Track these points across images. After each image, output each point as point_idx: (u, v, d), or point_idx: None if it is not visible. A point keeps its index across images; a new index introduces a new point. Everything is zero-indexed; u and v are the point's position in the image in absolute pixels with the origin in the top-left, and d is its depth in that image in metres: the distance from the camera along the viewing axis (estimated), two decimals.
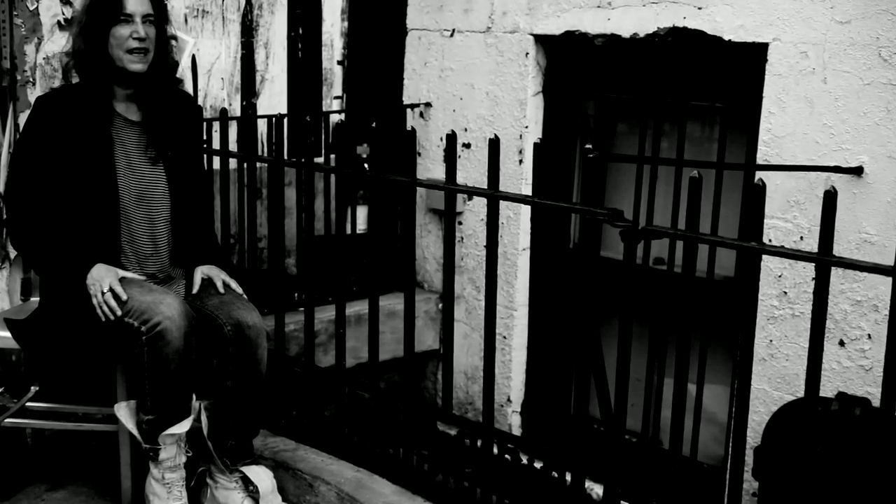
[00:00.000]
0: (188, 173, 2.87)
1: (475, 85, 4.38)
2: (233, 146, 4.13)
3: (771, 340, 3.40)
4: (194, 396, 2.86)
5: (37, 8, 3.62)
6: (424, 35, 4.59)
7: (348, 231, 4.52)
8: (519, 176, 4.23)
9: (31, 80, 3.62)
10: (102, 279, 2.59)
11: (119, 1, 2.66)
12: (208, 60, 4.25)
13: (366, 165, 4.65)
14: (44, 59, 3.65)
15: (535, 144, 2.60)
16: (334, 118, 4.55)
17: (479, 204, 4.42)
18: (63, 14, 3.68)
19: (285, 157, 3.46)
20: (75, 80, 2.79)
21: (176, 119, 2.85)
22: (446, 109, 4.54)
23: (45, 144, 2.65)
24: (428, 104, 4.62)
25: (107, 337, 2.69)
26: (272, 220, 3.41)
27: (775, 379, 3.39)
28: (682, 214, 2.80)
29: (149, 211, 2.76)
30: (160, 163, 2.78)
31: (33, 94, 3.62)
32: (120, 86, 2.72)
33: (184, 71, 4.09)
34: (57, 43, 3.60)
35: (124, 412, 2.81)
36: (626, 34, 3.77)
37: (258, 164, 4.02)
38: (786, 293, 3.35)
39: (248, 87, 4.41)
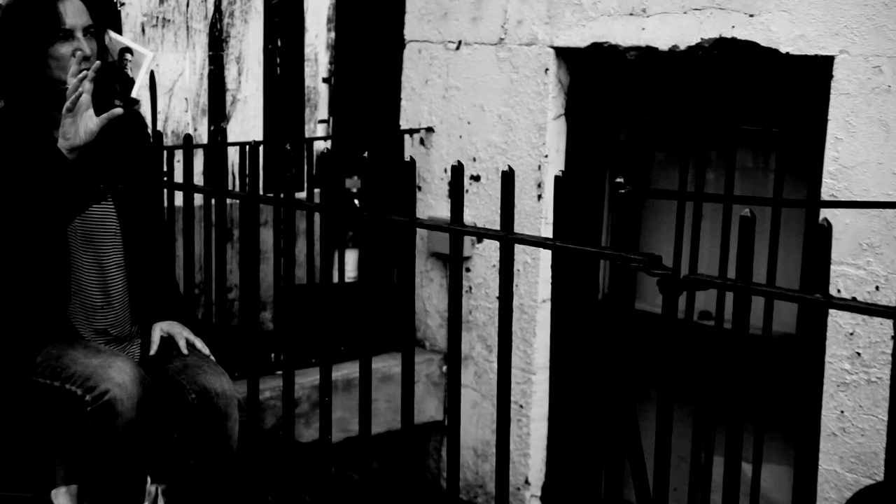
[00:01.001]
0: (143, 210, 2.88)
1: (485, 106, 4.41)
2: (198, 179, 4.16)
3: (842, 411, 3.38)
4: (149, 479, 2.84)
5: None
6: (425, 48, 4.63)
7: (335, 279, 4.54)
8: (537, 214, 4.24)
9: None
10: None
11: (55, 14, 2.67)
12: (170, 77, 4.29)
13: (356, 202, 4.67)
14: None
15: (557, 177, 2.61)
16: (319, 146, 4.58)
17: (491, 247, 4.43)
18: None
19: (261, 192, 3.48)
20: None
21: (126, 146, 2.87)
22: (451, 135, 4.56)
23: None
24: (429, 129, 4.65)
25: (43, 408, 2.68)
26: (245, 267, 3.41)
27: (848, 458, 3.36)
28: (733, 260, 2.80)
29: (97, 255, 2.77)
30: (108, 198, 2.79)
31: None
32: (59, 110, 2.74)
33: (141, 90, 4.13)
34: None
35: (63, 499, 2.79)
36: (663, 46, 3.80)
37: (228, 201, 4.05)
38: (859, 354, 3.34)
39: (217, 108, 4.45)
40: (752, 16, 3.56)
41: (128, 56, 2.95)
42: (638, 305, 3.98)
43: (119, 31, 4.06)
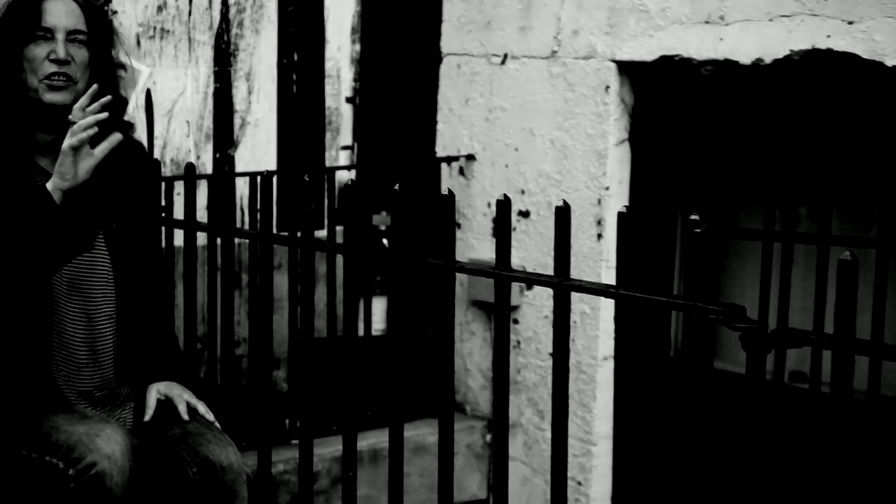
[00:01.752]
0: (139, 253, 2.89)
1: (536, 130, 4.42)
2: (202, 215, 4.17)
3: None
4: None
5: None
6: (466, 62, 4.65)
7: (360, 332, 4.53)
8: (597, 256, 4.23)
9: None
10: None
11: (36, 10, 2.71)
12: (169, 97, 4.33)
13: (385, 241, 4.67)
14: None
15: (620, 213, 2.60)
16: (342, 177, 4.59)
17: (543, 296, 4.41)
18: None
19: (274, 230, 3.49)
20: None
21: (122, 179, 2.88)
22: (496, 164, 4.57)
23: None
24: (470, 157, 4.65)
25: (17, 485, 2.68)
26: (255, 317, 3.41)
27: None
28: (830, 311, 2.76)
29: (85, 304, 2.78)
30: (101, 238, 2.80)
31: None
32: (42, 129, 2.76)
33: (135, 111, 4.17)
34: None
35: None
36: (745, 60, 3.79)
37: (237, 241, 4.06)
38: None
39: (224, 133, 4.48)
40: (850, 23, 3.54)
41: (120, 72, 2.97)
42: (717, 364, 3.94)
43: (111, 42, 4.10)
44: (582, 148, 4.26)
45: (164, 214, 3.60)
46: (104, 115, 2.57)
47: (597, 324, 4.24)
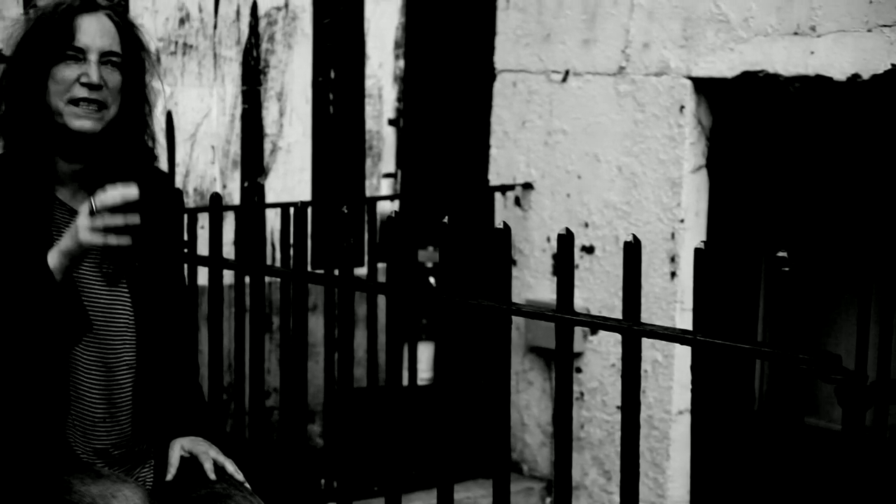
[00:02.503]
0: (162, 295, 2.91)
1: (601, 156, 4.42)
2: (228, 250, 4.20)
3: None
4: None
5: None
6: (522, 79, 4.66)
7: (404, 381, 4.53)
8: (671, 297, 4.22)
9: None
10: None
11: (68, 28, 2.73)
12: (192, 120, 4.37)
13: (432, 280, 4.67)
14: None
15: (698, 249, 2.59)
16: (384, 208, 4.61)
17: (609, 341, 4.41)
18: None
19: (309, 267, 3.50)
20: None
21: (147, 213, 2.90)
22: (556, 193, 4.57)
23: None
24: (528, 185, 4.66)
25: None
26: (288, 365, 3.42)
27: None
28: None
29: (103, 352, 2.79)
30: (122, 280, 2.83)
31: None
32: (64, 157, 2.78)
33: (154, 135, 4.21)
34: None
35: None
36: (839, 75, 3.77)
37: (267, 279, 4.08)
38: None
39: (253, 159, 4.51)
40: None
41: (152, 85, 3.00)
42: (808, 420, 3.91)
43: (142, 66, 4.13)
44: (653, 175, 4.26)
45: (186, 250, 3.61)
46: (135, 219, 2.57)
47: (670, 373, 4.22)
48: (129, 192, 2.52)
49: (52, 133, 2.75)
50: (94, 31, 2.75)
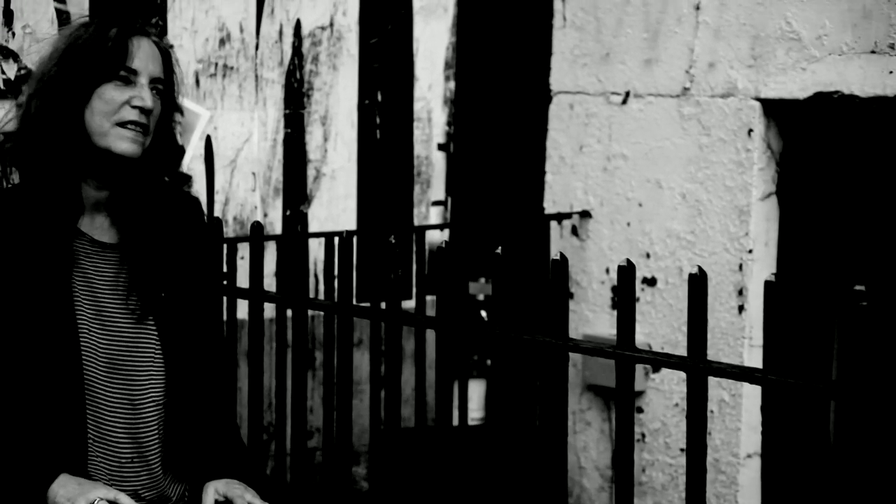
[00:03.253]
0: (192, 327, 2.91)
1: (663, 182, 4.40)
2: (269, 282, 4.20)
3: None
4: None
5: None
6: (580, 101, 4.65)
7: (455, 421, 4.51)
8: (738, 333, 4.19)
9: None
10: (74, 500, 2.62)
11: (121, 47, 2.76)
12: (232, 145, 4.39)
13: (483, 314, 4.65)
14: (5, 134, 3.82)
15: (768, 282, 2.57)
16: (434, 238, 4.60)
17: (672, 380, 4.38)
18: (4, 73, 3.86)
19: (354, 300, 3.50)
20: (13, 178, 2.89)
21: (176, 241, 2.91)
22: (616, 222, 4.55)
23: None
24: (585, 214, 4.64)
25: None
26: (332, 403, 3.42)
27: None
28: None
29: (129, 390, 2.79)
30: (148, 314, 2.83)
31: None
32: (93, 183, 2.80)
33: (192, 162, 4.22)
34: None
35: None
36: None
37: (310, 313, 4.08)
38: None
39: (296, 186, 4.52)
40: None
41: (176, 116, 3.01)
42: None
43: (177, 91, 4.16)
44: (719, 203, 4.23)
45: (225, 282, 3.62)
46: None
47: (738, 414, 4.19)
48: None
49: (85, 155, 2.76)
50: (146, 55, 2.79)
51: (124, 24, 2.80)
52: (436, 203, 4.83)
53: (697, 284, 2.62)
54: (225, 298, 3.57)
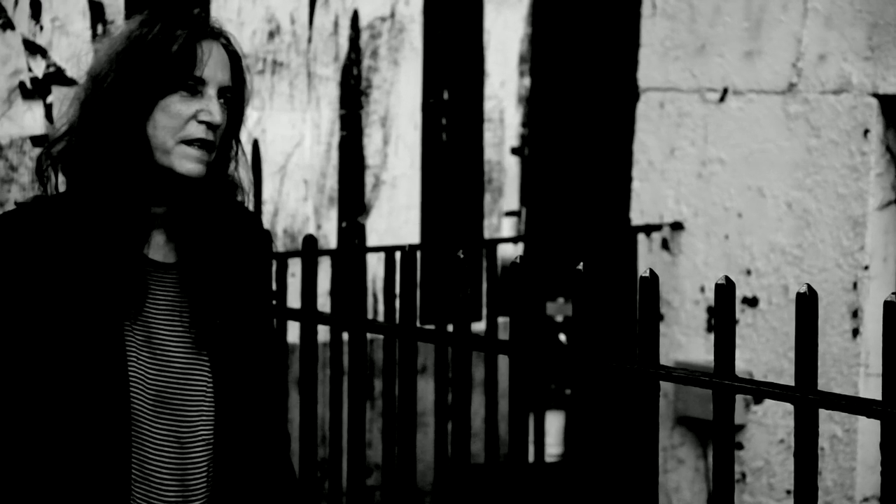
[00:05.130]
0: (247, 358, 2.91)
1: (766, 189, 4.37)
2: (323, 302, 4.22)
3: None
4: None
5: None
6: (671, 99, 4.64)
7: (530, 457, 4.51)
8: (852, 359, 4.16)
9: None
10: None
11: (190, 54, 2.73)
12: (282, 149, 4.41)
13: (562, 338, 4.65)
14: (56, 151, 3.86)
15: (889, 302, 2.54)
16: (506, 252, 4.60)
17: (777, 412, 4.35)
18: (31, 71, 3.90)
19: (418, 322, 3.50)
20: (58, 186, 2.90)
21: (236, 262, 2.91)
22: (712, 235, 4.53)
23: (3, 311, 2.74)
24: (677, 225, 4.63)
25: None
26: (393, 437, 3.42)
27: None
28: None
29: (176, 425, 2.80)
30: (206, 344, 2.83)
31: None
32: (154, 201, 2.81)
33: (238, 169, 4.24)
34: (18, 122, 3.80)
35: None
36: None
37: (369, 336, 4.08)
38: None
39: (352, 196, 4.54)
40: None
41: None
42: None
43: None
44: (830, 213, 4.21)
45: (275, 302, 3.63)
46: None
47: (853, 452, 4.16)
48: None
49: (148, 174, 2.75)
50: (215, 62, 2.75)
51: (193, 25, 2.78)
52: (509, 213, 4.83)
53: (806, 305, 2.60)
54: (275, 320, 3.58)
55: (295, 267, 4.03)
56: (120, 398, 2.74)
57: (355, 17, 4.50)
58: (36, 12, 3.83)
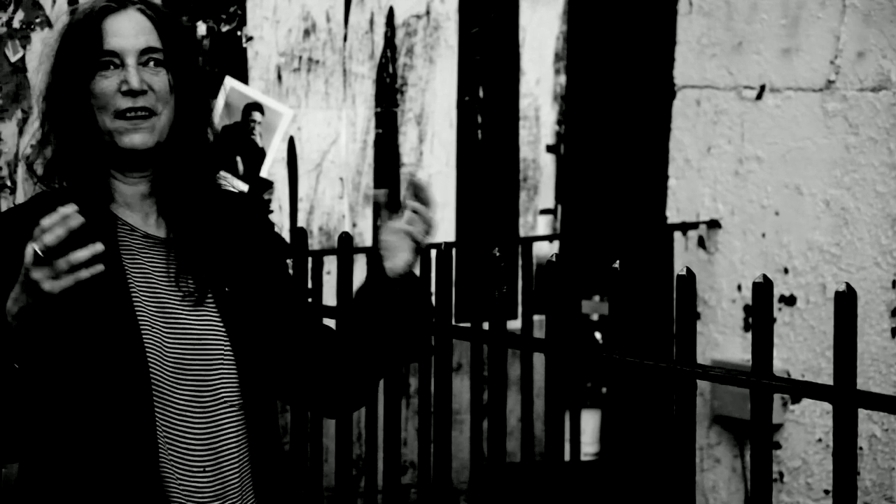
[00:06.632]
0: (267, 323, 2.92)
1: (804, 188, 4.36)
2: None
3: None
4: None
5: (22, 59, 3.89)
6: (708, 97, 4.63)
7: (566, 456, 4.50)
8: (891, 358, 4.14)
9: (7, 183, 3.86)
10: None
11: (95, 31, 2.76)
12: (317, 147, 4.41)
13: (598, 336, 4.64)
14: (33, 145, 3.87)
15: None
16: (542, 250, 4.60)
17: (815, 412, 4.34)
18: None
19: (453, 320, 3.50)
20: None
21: (230, 231, 2.93)
22: (749, 233, 4.51)
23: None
24: (714, 223, 4.61)
25: None
26: (428, 435, 3.42)
27: None
28: None
29: (198, 391, 2.79)
30: (212, 306, 2.85)
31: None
32: (123, 179, 2.83)
33: (274, 166, 4.25)
34: None
35: None
36: None
37: None
38: None
39: (388, 193, 4.52)
40: None
41: (256, 115, 3.03)
42: None
43: (244, 78, 4.19)
44: (869, 211, 4.19)
45: (311, 300, 3.64)
46: (98, 247, 2.54)
47: (892, 452, 4.15)
48: (66, 212, 2.45)
49: (106, 155, 2.79)
50: (126, 30, 2.77)
51: (95, 5, 2.80)
52: (544, 211, 4.82)
53: (845, 303, 2.59)
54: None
55: (330, 265, 4.03)
56: (138, 366, 2.75)
57: (391, 15, 4.50)
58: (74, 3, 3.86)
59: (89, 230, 2.73)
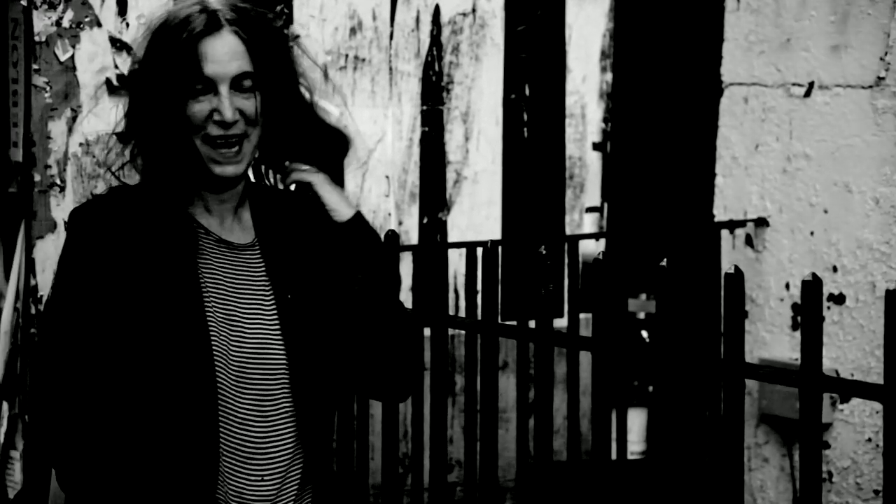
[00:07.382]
0: (323, 330, 2.92)
1: (853, 185, 4.33)
2: (404, 297, 4.21)
3: None
4: None
5: (72, 58, 3.91)
6: (756, 94, 4.61)
7: (612, 454, 4.49)
8: None
9: (57, 182, 3.87)
10: None
11: (192, 53, 2.74)
12: (363, 145, 4.40)
13: (644, 334, 4.62)
14: (82, 144, 3.89)
15: None
16: (588, 248, 4.58)
17: (864, 411, 4.31)
18: (117, 68, 3.93)
19: (500, 318, 3.49)
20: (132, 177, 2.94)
21: (308, 238, 2.94)
22: (797, 231, 4.49)
23: (90, 295, 2.77)
24: (762, 221, 4.59)
25: None
26: (474, 433, 3.41)
27: None
28: None
29: (259, 400, 2.81)
30: (272, 313, 2.86)
31: (61, 205, 3.87)
32: (212, 192, 2.84)
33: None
34: (105, 118, 3.84)
35: None
36: None
37: (450, 331, 4.08)
38: None
39: (434, 191, 4.54)
40: None
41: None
42: None
43: (292, 73, 4.19)
44: None
45: None
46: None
47: None
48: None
49: (197, 172, 2.80)
50: (220, 56, 2.76)
51: (193, 27, 2.80)
52: (590, 209, 4.81)
53: (894, 302, 2.57)
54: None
55: None
56: (206, 373, 2.76)
57: (437, 13, 4.50)
58: (122, 9, 3.87)
59: (168, 234, 2.77)
